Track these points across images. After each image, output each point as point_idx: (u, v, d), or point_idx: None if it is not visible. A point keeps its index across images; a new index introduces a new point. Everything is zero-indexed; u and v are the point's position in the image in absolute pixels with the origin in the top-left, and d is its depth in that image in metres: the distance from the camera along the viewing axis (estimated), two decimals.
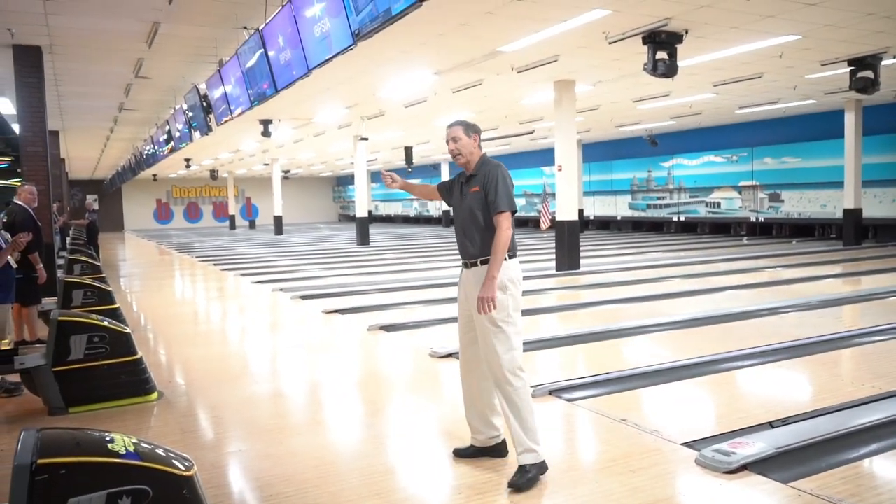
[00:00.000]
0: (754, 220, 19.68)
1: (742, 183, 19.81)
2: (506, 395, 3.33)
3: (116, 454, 2.11)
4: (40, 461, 1.93)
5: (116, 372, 4.65)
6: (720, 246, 17.14)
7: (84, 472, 2.02)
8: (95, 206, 17.25)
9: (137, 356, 4.80)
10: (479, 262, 3.42)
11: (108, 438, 2.20)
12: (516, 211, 3.41)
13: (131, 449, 2.15)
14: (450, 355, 5.81)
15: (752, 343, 6.06)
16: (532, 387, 4.64)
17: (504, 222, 3.35)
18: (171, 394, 5.00)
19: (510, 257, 3.38)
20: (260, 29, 7.53)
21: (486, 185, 3.40)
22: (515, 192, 3.60)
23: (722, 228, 21.20)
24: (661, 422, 4.08)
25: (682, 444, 3.68)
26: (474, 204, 3.44)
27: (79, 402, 4.54)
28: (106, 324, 4.76)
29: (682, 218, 21.81)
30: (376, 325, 7.38)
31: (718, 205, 20.63)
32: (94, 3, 7.60)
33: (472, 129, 3.53)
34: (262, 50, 7.48)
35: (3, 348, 5.20)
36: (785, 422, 4.00)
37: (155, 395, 4.83)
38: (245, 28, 8.36)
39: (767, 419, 4.04)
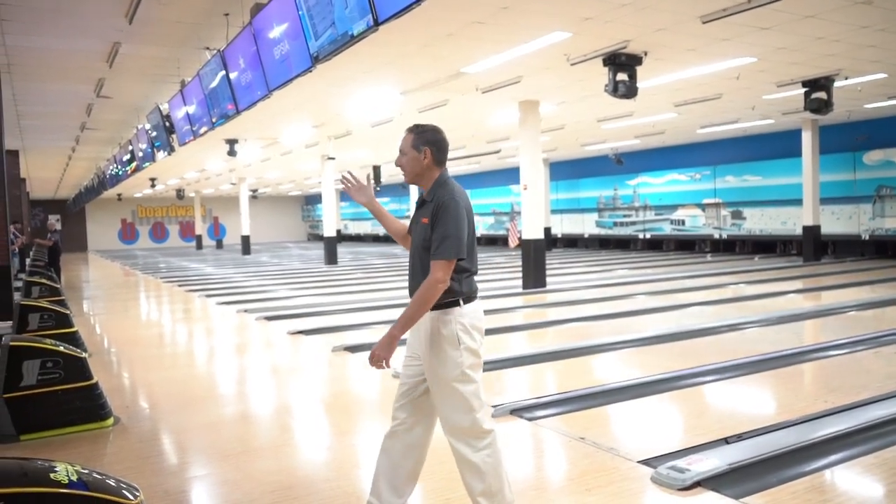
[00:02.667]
0: (717, 237, 20.03)
1: (705, 201, 20.18)
2: (467, 463, 2.78)
3: (59, 483, 2.07)
4: None
5: (70, 398, 4.57)
6: (685, 263, 17.39)
7: (25, 502, 1.98)
8: (58, 226, 16.94)
9: (93, 381, 4.72)
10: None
11: (52, 467, 2.17)
12: (463, 258, 2.74)
13: (75, 478, 2.12)
14: None
15: (713, 359, 6.15)
16: (493, 406, 4.71)
17: (438, 271, 2.67)
18: (131, 419, 4.92)
19: (466, 301, 2.78)
20: (221, 50, 7.52)
21: (434, 218, 2.75)
22: (483, 210, 3.01)
23: (686, 245, 21.53)
24: (619, 439, 4.12)
25: (639, 462, 3.72)
26: (420, 239, 2.81)
27: (31, 429, 4.44)
28: (61, 348, 4.67)
29: (648, 235, 22.11)
30: (341, 345, 7.34)
31: (683, 222, 20.98)
32: (53, 23, 7.53)
33: (423, 140, 2.84)
34: (224, 71, 7.48)
35: None
36: (740, 437, 4.07)
37: (111, 421, 4.75)
38: (207, 49, 8.34)
39: (723, 435, 4.11)
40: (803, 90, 10.84)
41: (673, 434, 4.31)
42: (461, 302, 2.78)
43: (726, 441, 4.02)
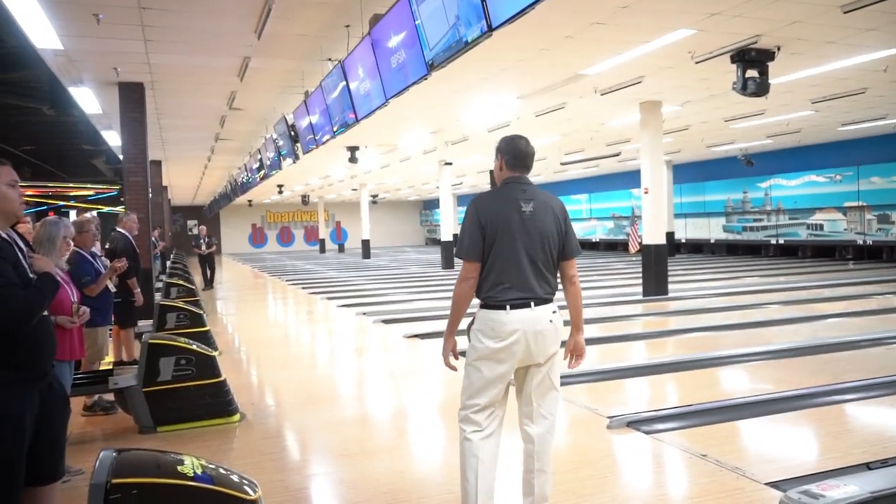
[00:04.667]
0: (861, 243, 18.57)
1: (847, 203, 18.76)
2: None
3: (187, 476, 2.21)
4: (114, 481, 2.05)
5: (202, 393, 4.87)
6: (823, 270, 16.28)
7: (155, 492, 2.13)
8: (194, 231, 18.12)
9: (221, 378, 5.01)
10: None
11: (180, 460, 2.31)
12: (478, 261, 2.97)
13: (200, 472, 2.25)
14: None
15: (854, 376, 5.72)
16: (609, 418, 4.59)
17: (462, 270, 3.03)
18: (256, 415, 5.19)
19: (483, 305, 3.01)
20: (342, 61, 7.80)
21: None
22: (602, 214, 3.30)
23: (825, 252, 20.12)
24: (745, 458, 3.90)
25: (766, 484, 3.50)
26: None
27: (167, 421, 4.77)
28: (193, 347, 4.99)
29: (782, 241, 20.86)
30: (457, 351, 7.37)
31: (821, 227, 19.62)
32: (190, 41, 8.09)
33: (497, 149, 3.13)
34: (344, 81, 7.75)
35: (100, 368, 5.53)
36: (884, 463, 3.74)
37: (237, 417, 5.02)
38: (329, 60, 8.69)
39: (865, 459, 3.80)
40: None
41: (806, 456, 4.04)
42: (480, 305, 3.03)
43: (868, 466, 3.70)
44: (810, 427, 4.59)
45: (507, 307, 2.95)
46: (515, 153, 3.08)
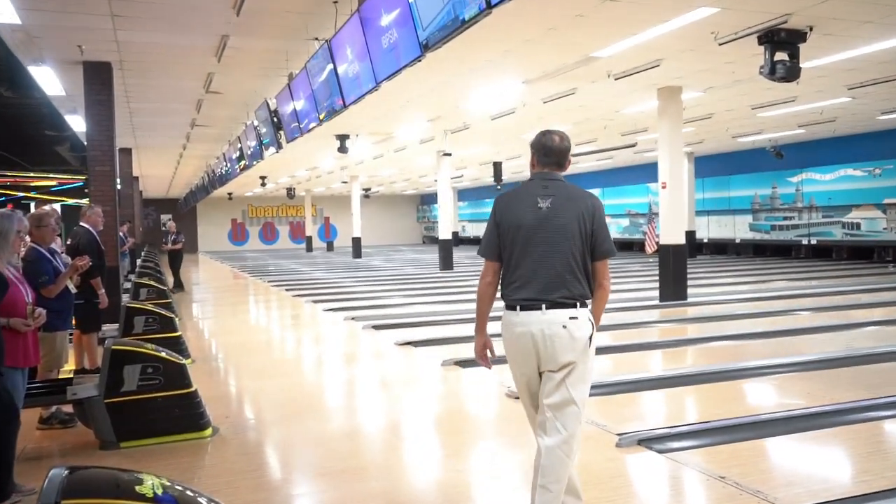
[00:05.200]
0: None
1: (888, 200, 18.74)
2: None
3: (145, 498, 2.19)
4: (63, 502, 2.03)
5: (170, 405, 4.86)
6: (860, 274, 16.28)
7: None
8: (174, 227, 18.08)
9: (192, 389, 5.00)
10: None
11: (138, 479, 2.29)
12: (495, 260, 3.23)
13: (161, 492, 2.23)
14: None
15: (892, 390, 5.72)
16: (619, 435, 4.58)
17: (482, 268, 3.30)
18: (231, 429, 5.18)
19: (506, 306, 3.18)
20: (328, 40, 7.79)
21: None
22: (617, 211, 3.40)
23: (862, 253, 20.09)
24: (768, 481, 3.88)
25: None
26: None
27: (131, 435, 4.76)
28: (162, 354, 4.98)
29: (814, 241, 20.85)
30: (451, 359, 7.39)
31: (858, 226, 19.61)
32: (162, 17, 8.07)
33: (530, 144, 3.34)
34: (331, 62, 7.73)
35: (59, 377, 5.51)
36: None
37: (209, 431, 5.00)
38: (316, 39, 8.66)
39: None
40: None
41: (834, 478, 4.03)
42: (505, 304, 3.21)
43: None
44: (841, 446, 4.58)
45: (518, 307, 3.11)
46: (544, 148, 3.24)
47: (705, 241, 24.33)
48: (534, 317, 3.06)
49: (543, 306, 3.05)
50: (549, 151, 3.22)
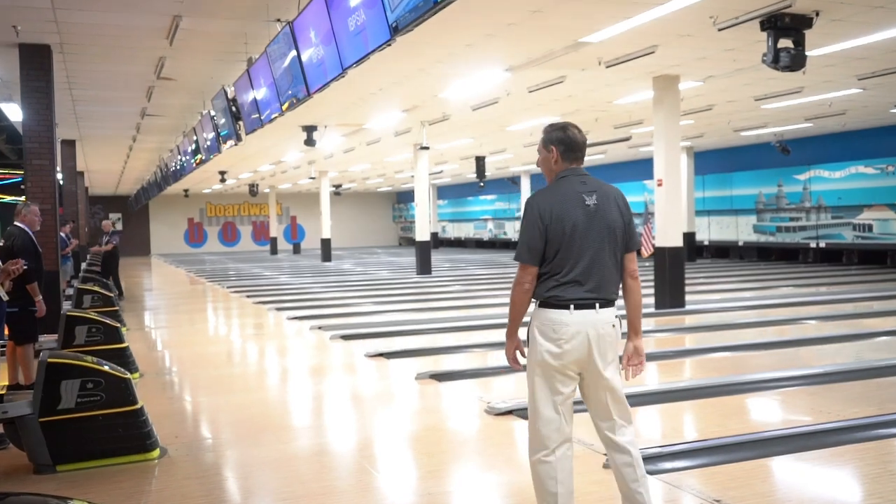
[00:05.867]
0: None
1: None
2: None
3: None
4: None
5: (113, 424, 4.80)
6: (872, 280, 16.48)
7: None
8: (117, 226, 17.95)
9: (138, 406, 4.94)
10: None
11: None
12: (537, 265, 3.33)
13: None
14: (510, 412, 5.76)
15: None
16: (606, 455, 4.57)
17: (518, 272, 3.39)
18: (181, 451, 5.13)
19: (542, 305, 3.35)
20: (291, 22, 7.77)
21: None
22: None
23: (874, 257, 20.34)
24: None
25: None
26: None
27: (68, 458, 4.69)
28: (105, 368, 4.92)
29: (823, 244, 21.08)
30: (427, 372, 7.39)
31: (870, 228, 19.85)
32: None
33: (550, 138, 3.47)
34: (294, 46, 7.70)
35: None
36: None
37: (156, 453, 4.95)
38: (278, 21, 8.62)
39: None
40: None
41: (843, 502, 4.05)
42: (538, 304, 3.35)
43: None
44: (848, 466, 4.61)
45: (571, 307, 3.28)
46: (571, 143, 3.43)
47: (706, 243, 24.52)
48: (589, 316, 3.28)
49: (597, 305, 3.30)
50: (576, 146, 3.43)
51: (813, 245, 21.38)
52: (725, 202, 23.85)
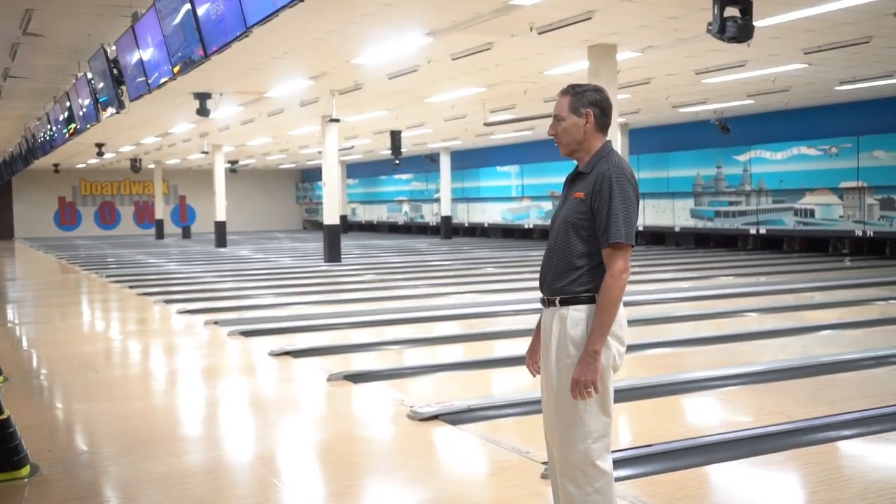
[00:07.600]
0: (860, 234, 19.61)
1: (844, 184, 19.75)
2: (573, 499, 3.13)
3: None
4: None
5: None
6: (814, 269, 17.07)
7: None
8: None
9: (4, 416, 4.74)
10: (556, 302, 3.17)
11: None
12: (634, 245, 3.07)
13: None
14: (435, 417, 5.74)
15: (856, 405, 5.95)
16: (545, 464, 4.59)
17: (618, 260, 3.04)
18: (56, 467, 4.94)
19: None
20: None
21: (596, 194, 3.08)
22: (538, 192, 3.43)
23: (817, 245, 21.14)
24: None
25: None
26: (571, 214, 3.16)
27: None
28: None
29: (763, 230, 21.78)
30: (340, 372, 7.32)
31: (812, 213, 20.60)
32: None
33: (584, 101, 3.18)
34: (188, 0, 7.50)
35: None
36: None
37: (26, 470, 4.76)
38: None
39: None
40: None
41: None
42: (597, 298, 3.06)
43: None
44: (799, 472, 4.74)
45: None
46: (607, 110, 3.21)
47: (640, 229, 25.00)
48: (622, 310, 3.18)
49: None
50: (610, 111, 3.24)
51: (753, 231, 22.05)
52: (661, 184, 24.35)
